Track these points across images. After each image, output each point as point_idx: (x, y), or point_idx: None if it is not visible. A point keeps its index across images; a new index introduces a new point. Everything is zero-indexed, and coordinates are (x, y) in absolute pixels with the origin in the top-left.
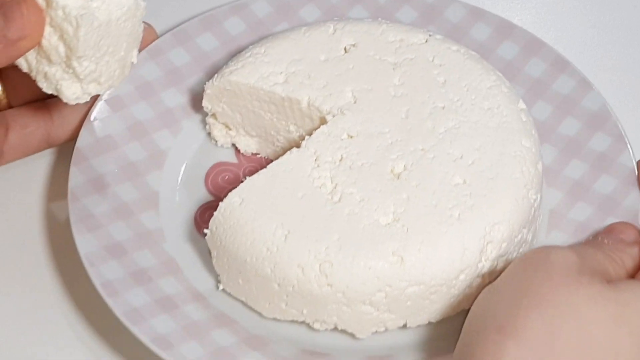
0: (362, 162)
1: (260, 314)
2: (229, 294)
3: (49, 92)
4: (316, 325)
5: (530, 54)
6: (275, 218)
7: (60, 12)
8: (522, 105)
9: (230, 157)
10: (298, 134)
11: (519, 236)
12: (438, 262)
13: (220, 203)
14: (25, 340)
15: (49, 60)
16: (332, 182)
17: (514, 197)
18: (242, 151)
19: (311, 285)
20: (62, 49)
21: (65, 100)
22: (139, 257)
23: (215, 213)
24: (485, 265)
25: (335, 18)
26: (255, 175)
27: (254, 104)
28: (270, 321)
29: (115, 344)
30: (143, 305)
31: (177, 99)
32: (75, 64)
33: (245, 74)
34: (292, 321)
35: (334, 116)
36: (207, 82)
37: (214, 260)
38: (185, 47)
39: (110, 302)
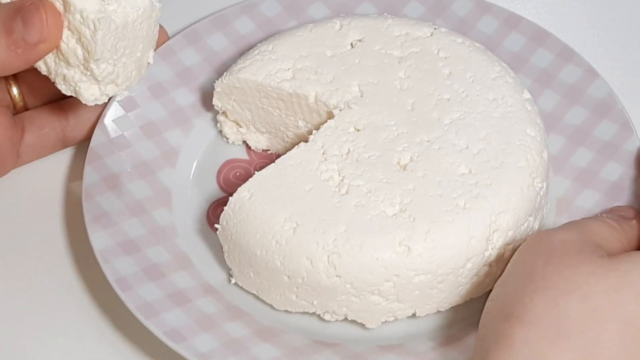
0: (369, 155)
1: (271, 306)
2: (241, 288)
3: (68, 94)
4: (327, 317)
5: (537, 45)
6: (283, 211)
7: (77, 16)
8: (527, 95)
9: (242, 154)
10: (307, 129)
11: (525, 224)
12: (445, 251)
13: (230, 198)
14: (41, 333)
15: (68, 63)
16: (339, 174)
17: (519, 185)
18: (252, 148)
19: (320, 276)
20: (80, 51)
21: (84, 102)
22: (152, 253)
23: (225, 208)
24: (492, 254)
25: (342, 15)
26: (264, 170)
27: (263, 100)
28: (282, 313)
29: (132, 337)
30: (156, 300)
31: (189, 98)
32: (93, 66)
33: (253, 71)
34: (303, 313)
35: (340, 110)
36: (216, 81)
37: (225, 255)
38: (196, 47)
39: (123, 296)
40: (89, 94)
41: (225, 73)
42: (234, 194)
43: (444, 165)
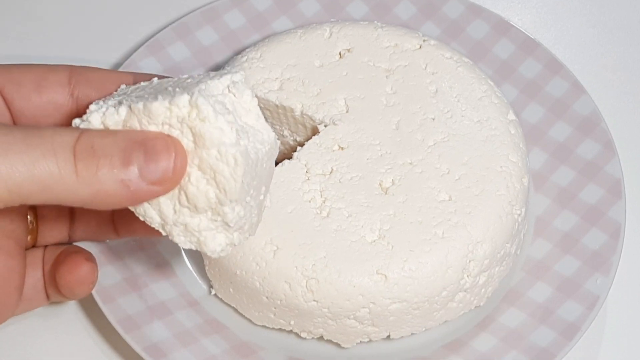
0: (352, 176)
1: (250, 321)
2: (221, 299)
3: (187, 247)
4: (303, 334)
5: (525, 54)
6: (264, 233)
7: (214, 151)
8: (511, 116)
9: None
10: (292, 138)
11: (502, 251)
12: (421, 280)
13: None
14: (28, 340)
15: (195, 209)
16: (321, 196)
17: (498, 214)
18: None
19: (298, 300)
20: (212, 193)
21: (208, 254)
22: (135, 261)
23: None
24: (467, 281)
25: (333, 20)
26: None
27: None
28: (260, 328)
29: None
30: (137, 312)
31: None
32: (227, 209)
33: None
34: (281, 329)
35: (326, 126)
36: None
37: (206, 268)
38: (185, 41)
39: (105, 309)
40: (216, 244)
41: None
42: None
43: (426, 190)
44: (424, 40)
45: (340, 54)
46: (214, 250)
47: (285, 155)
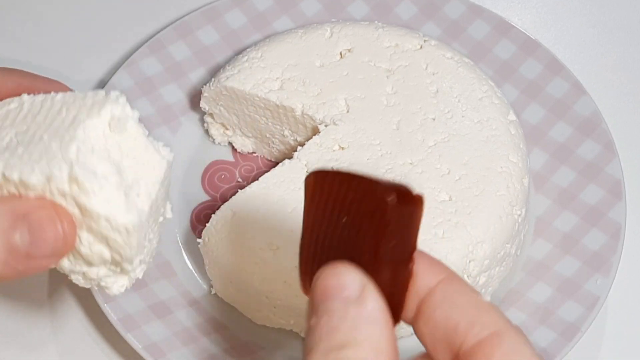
0: None
1: (250, 320)
2: (221, 299)
3: (87, 287)
4: (303, 334)
5: (526, 55)
6: (264, 233)
7: (103, 222)
8: (512, 117)
9: (227, 156)
10: (292, 138)
11: (502, 252)
12: None
13: (213, 215)
14: (25, 339)
15: (89, 264)
16: None
17: (498, 214)
18: (238, 150)
19: (297, 300)
20: (107, 254)
21: (110, 294)
22: None
23: (207, 225)
24: (467, 282)
25: (333, 20)
26: (247, 188)
27: (250, 108)
28: (260, 328)
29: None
30: (137, 311)
31: (177, 94)
32: (126, 265)
33: (241, 79)
34: (281, 329)
35: (326, 126)
36: (204, 86)
37: (206, 267)
38: (186, 40)
39: (105, 308)
40: (118, 287)
41: (213, 79)
42: (217, 212)
43: (426, 191)
44: (424, 41)
45: (341, 53)
46: (117, 292)
47: (285, 154)
